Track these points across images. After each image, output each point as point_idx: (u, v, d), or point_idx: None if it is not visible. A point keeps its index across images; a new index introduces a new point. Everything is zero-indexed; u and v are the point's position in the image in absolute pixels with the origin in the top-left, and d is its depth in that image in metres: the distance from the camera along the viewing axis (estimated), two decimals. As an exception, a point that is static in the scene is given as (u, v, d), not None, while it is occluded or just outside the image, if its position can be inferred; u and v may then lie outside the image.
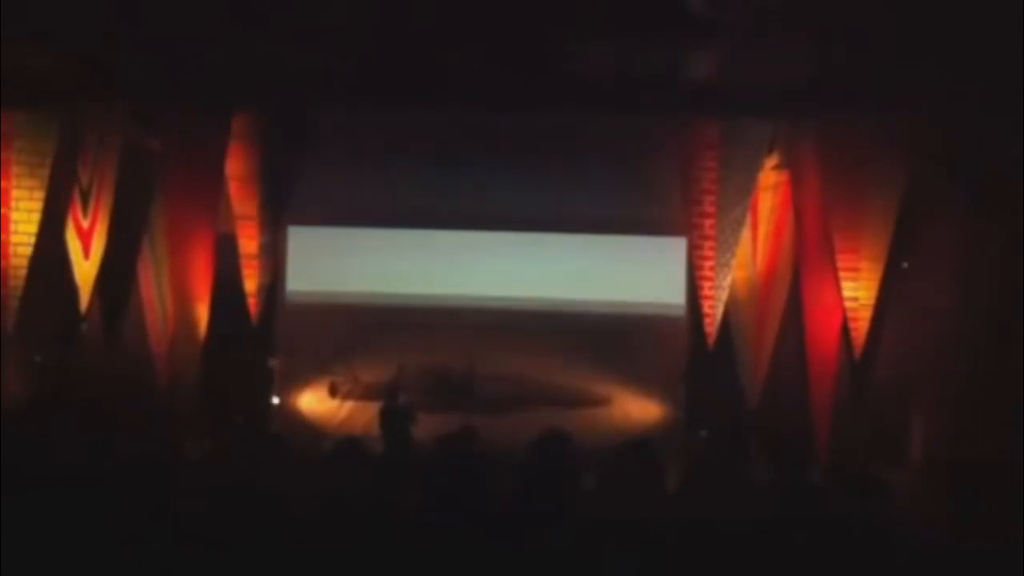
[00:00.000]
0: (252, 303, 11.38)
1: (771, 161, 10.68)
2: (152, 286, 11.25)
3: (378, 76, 9.20)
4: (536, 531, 4.25)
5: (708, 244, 10.47)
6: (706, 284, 10.49)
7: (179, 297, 10.89)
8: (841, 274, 9.79)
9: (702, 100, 9.53)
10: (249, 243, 11.43)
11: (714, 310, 10.44)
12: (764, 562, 4.16)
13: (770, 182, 10.79)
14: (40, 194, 9.91)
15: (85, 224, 10.36)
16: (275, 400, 12.01)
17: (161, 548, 4.29)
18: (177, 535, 4.38)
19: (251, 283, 11.39)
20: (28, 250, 9.88)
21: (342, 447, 5.32)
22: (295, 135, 11.64)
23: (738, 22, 7.89)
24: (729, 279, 10.44)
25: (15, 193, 9.86)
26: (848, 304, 9.78)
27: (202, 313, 10.79)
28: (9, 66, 8.69)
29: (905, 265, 9.95)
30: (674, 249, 11.48)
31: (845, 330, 9.86)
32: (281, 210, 11.80)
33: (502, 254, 12.10)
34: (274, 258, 11.76)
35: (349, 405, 11.89)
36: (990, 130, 8.06)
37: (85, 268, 10.38)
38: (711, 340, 10.53)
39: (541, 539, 4.20)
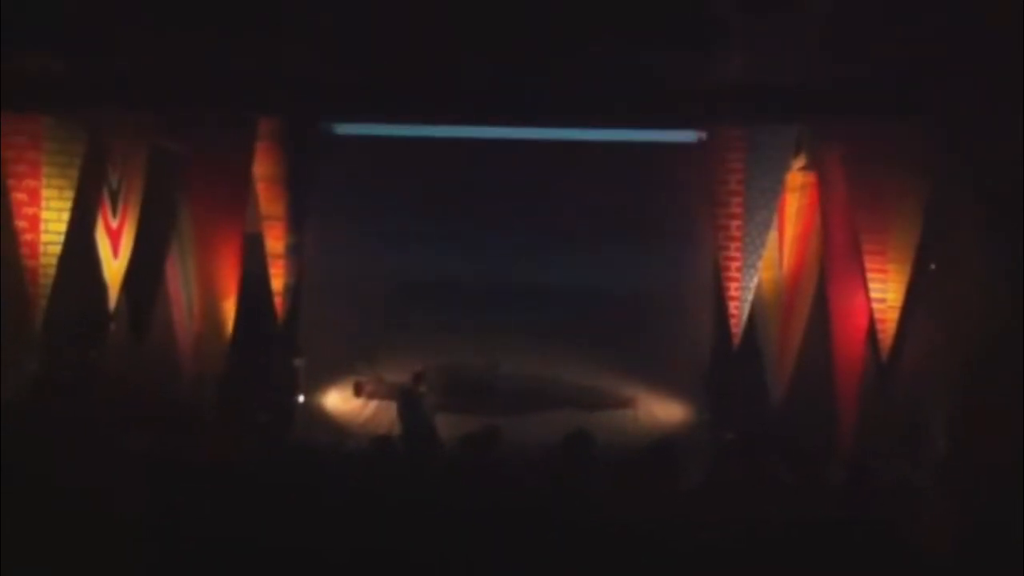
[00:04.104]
0: (278, 303, 11.45)
1: (798, 162, 10.63)
2: (179, 285, 11.32)
3: (395, 89, 9.21)
4: (558, 529, 4.25)
5: (735, 245, 10.42)
6: (732, 285, 10.44)
7: (206, 296, 10.96)
8: (868, 275, 9.70)
9: (727, 108, 9.47)
10: (276, 243, 11.50)
11: (740, 311, 10.40)
12: (787, 563, 4.15)
13: (797, 183, 10.74)
14: (70, 194, 9.98)
15: (114, 224, 10.44)
16: (300, 399, 12.06)
17: (181, 545, 4.32)
18: (197, 533, 4.41)
19: (277, 283, 11.46)
20: (57, 249, 9.95)
21: (367, 446, 5.34)
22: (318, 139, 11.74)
23: (763, 28, 7.85)
24: (755, 280, 10.40)
25: (45, 192, 9.92)
26: (875, 306, 9.69)
27: (228, 312, 10.86)
28: (31, 73, 8.76)
29: (933, 267, 9.86)
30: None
31: (872, 331, 9.79)
32: (308, 211, 11.85)
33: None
34: (300, 258, 11.81)
35: (373, 405, 11.91)
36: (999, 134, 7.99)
37: (114, 267, 10.46)
38: (737, 341, 10.49)
39: (562, 538, 4.20)
